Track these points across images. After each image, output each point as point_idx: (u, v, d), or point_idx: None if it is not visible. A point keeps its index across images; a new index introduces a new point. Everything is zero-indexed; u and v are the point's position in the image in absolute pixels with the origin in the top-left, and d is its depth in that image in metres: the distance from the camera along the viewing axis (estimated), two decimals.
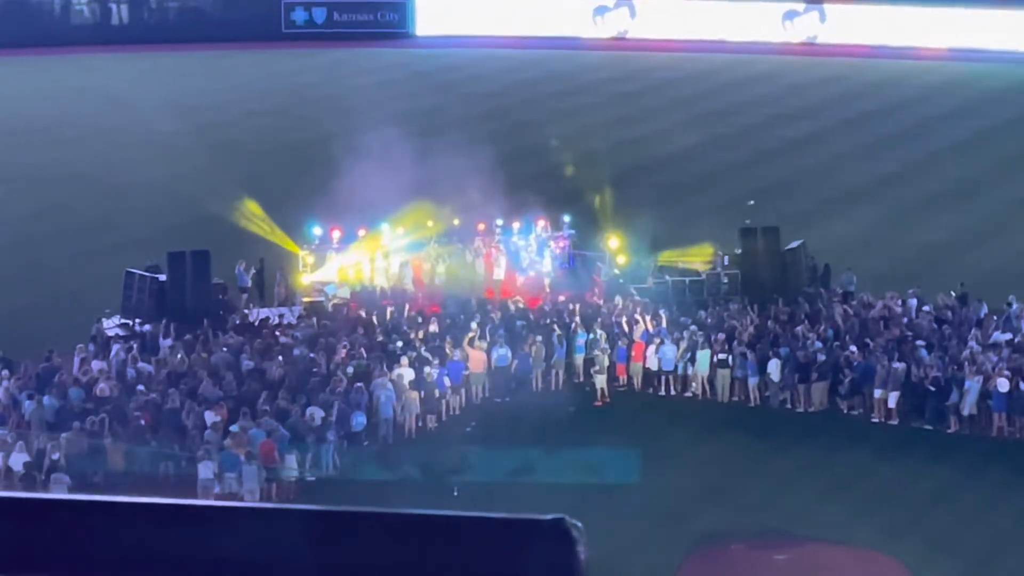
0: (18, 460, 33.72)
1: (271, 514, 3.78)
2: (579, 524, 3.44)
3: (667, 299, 43.70)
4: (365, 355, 39.19)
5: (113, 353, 39.03)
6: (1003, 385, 37.79)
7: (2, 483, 33.18)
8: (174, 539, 3.86)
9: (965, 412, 38.08)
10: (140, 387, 36.76)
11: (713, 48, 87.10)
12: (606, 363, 40.39)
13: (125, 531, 3.88)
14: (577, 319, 41.91)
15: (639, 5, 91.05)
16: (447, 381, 39.01)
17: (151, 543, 3.85)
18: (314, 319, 41.98)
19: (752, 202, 48.15)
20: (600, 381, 40.29)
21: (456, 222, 46.05)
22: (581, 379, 41.07)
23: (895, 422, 38.64)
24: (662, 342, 40.66)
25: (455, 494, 32.87)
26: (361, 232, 45.28)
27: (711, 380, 40.33)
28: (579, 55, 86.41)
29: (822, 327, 41.12)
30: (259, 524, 3.75)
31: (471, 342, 40.12)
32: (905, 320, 41.83)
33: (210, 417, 35.30)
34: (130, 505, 3.96)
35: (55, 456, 33.53)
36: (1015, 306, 42.35)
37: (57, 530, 3.89)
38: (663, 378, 40.69)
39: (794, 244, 45.27)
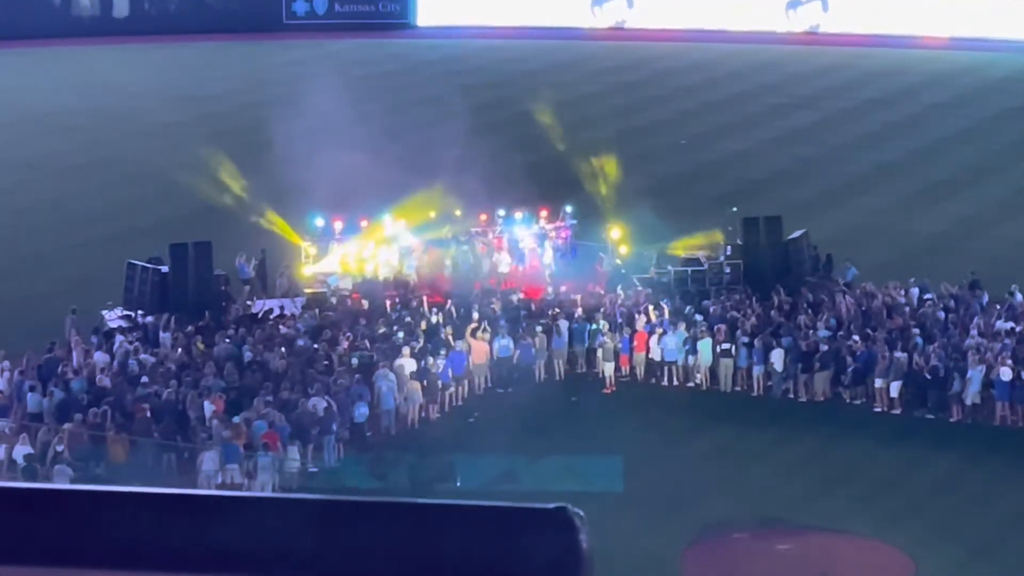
0: (20, 452, 33.75)
1: (271, 503, 3.77)
2: (581, 512, 3.43)
3: (669, 289, 43.71)
4: (368, 346, 39.20)
5: (117, 345, 39.05)
6: (1006, 374, 37.79)
7: (4, 475, 33.20)
8: (176, 529, 3.85)
9: (968, 401, 38.09)
10: (144, 378, 36.78)
11: (715, 38, 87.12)
12: (612, 350, 40.39)
13: (126, 521, 3.87)
14: (580, 309, 41.91)
15: None
16: (449, 372, 39.01)
17: (153, 533, 3.84)
18: (316, 310, 41.99)
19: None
20: (608, 369, 40.33)
21: (458, 212, 46.05)
22: (584, 369, 41.09)
23: (897, 411, 38.66)
24: (664, 332, 40.65)
25: (457, 484, 32.88)
26: (363, 223, 45.27)
27: (714, 370, 40.34)
28: (580, 45, 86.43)
29: (824, 317, 41.13)
30: (259, 513, 3.74)
31: (473, 333, 40.10)
32: (908, 309, 41.82)
33: (211, 408, 35.32)
34: (131, 495, 3.96)
35: (59, 448, 33.56)
36: (1018, 295, 42.35)
37: (58, 520, 3.88)
38: (666, 368, 40.70)
39: (796, 234, 45.27)
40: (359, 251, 45.17)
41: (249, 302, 43.40)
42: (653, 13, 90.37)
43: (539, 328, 40.85)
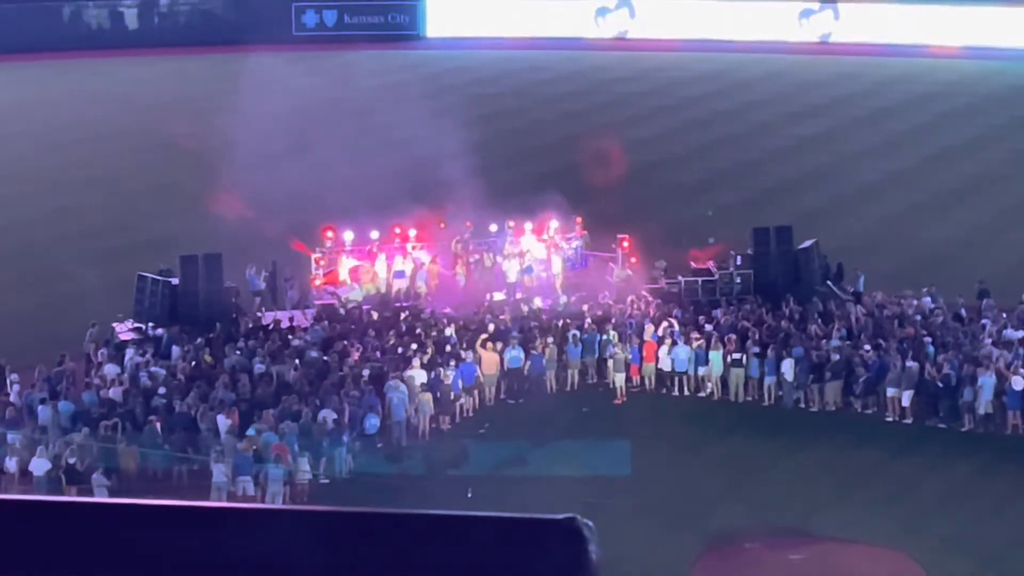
0: (40, 465, 33.78)
1: (282, 515, 3.78)
2: (590, 523, 3.43)
3: (680, 299, 43.68)
4: (378, 357, 39.19)
5: (128, 357, 39.09)
6: (1017, 383, 37.73)
7: (20, 488, 33.24)
8: (187, 541, 3.86)
9: (980, 410, 38.02)
10: (162, 389, 36.82)
11: (722, 48, 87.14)
12: (623, 361, 40.37)
13: (138, 532, 3.89)
14: (590, 320, 41.90)
15: (638, 6, 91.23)
16: (460, 383, 39.01)
17: (164, 544, 3.86)
18: (327, 322, 41.98)
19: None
20: (619, 380, 40.31)
21: (468, 224, 46.05)
22: (594, 380, 41.07)
23: (909, 421, 38.60)
24: (674, 343, 40.63)
25: (469, 495, 32.83)
26: (373, 234, 45.27)
27: (724, 380, 40.30)
28: (586, 55, 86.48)
29: (835, 326, 41.08)
30: (271, 525, 3.75)
31: (483, 344, 40.10)
32: (919, 318, 41.76)
33: (222, 421, 35.34)
34: (143, 507, 3.97)
35: (71, 460, 33.60)
36: None
37: (70, 532, 3.90)
38: (676, 378, 40.67)
39: (807, 243, 45.18)
40: (369, 263, 45.17)
41: (260, 314, 43.40)
42: (655, 24, 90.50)
43: (549, 339, 40.85)
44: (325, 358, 39.02)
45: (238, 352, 39.32)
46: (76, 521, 3.91)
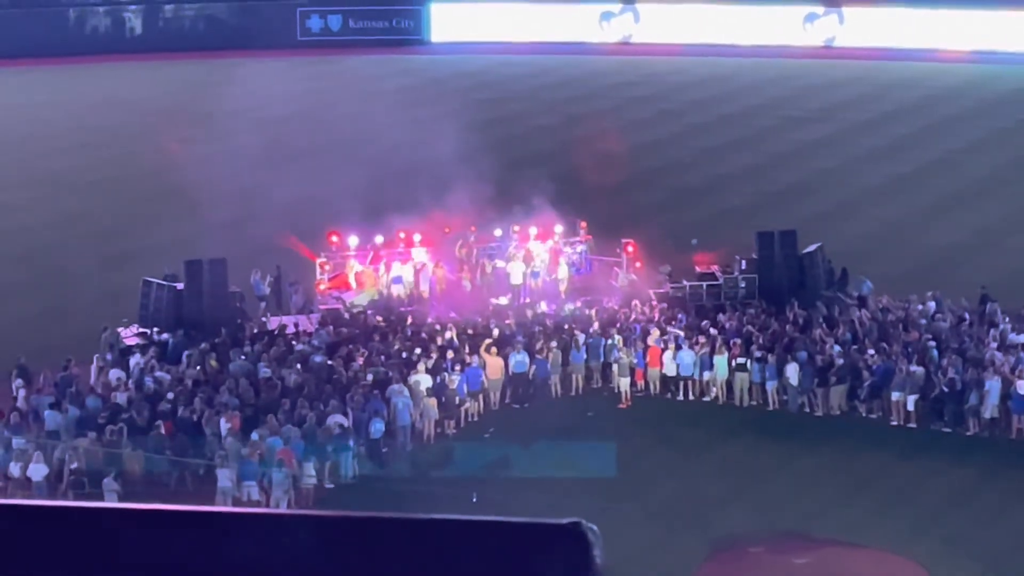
0: (37, 471, 33.74)
1: (288, 520, 3.79)
2: (595, 528, 3.44)
3: (685, 303, 43.68)
4: (383, 362, 39.19)
5: (134, 362, 39.09)
6: (1022, 387, 37.70)
7: (22, 493, 33.25)
8: (192, 545, 3.87)
9: (986, 415, 38.00)
10: (170, 395, 36.83)
11: (728, 52, 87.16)
12: (627, 365, 40.37)
13: (143, 537, 3.90)
14: (595, 325, 41.89)
15: (643, 10, 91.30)
16: (465, 387, 39.01)
17: (169, 549, 3.86)
18: (331, 327, 41.98)
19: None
20: (623, 384, 40.31)
21: (473, 228, 46.04)
22: (599, 384, 41.07)
23: (913, 425, 38.58)
24: (679, 347, 40.62)
25: (474, 500, 32.82)
26: (378, 239, 45.28)
27: (729, 384, 40.29)
28: (590, 60, 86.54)
29: (840, 330, 41.07)
30: (276, 530, 3.76)
31: (488, 348, 40.09)
32: (923, 322, 41.74)
33: (224, 425, 35.34)
34: (148, 512, 3.98)
35: (73, 466, 33.58)
36: None
37: (75, 536, 3.91)
38: (681, 383, 40.66)
39: (811, 247, 45.15)
40: (374, 267, 45.17)
41: (264, 319, 43.40)
42: (659, 28, 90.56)
43: (553, 343, 40.85)
44: (330, 363, 39.02)
45: (243, 357, 39.32)
46: (80, 525, 3.91)
